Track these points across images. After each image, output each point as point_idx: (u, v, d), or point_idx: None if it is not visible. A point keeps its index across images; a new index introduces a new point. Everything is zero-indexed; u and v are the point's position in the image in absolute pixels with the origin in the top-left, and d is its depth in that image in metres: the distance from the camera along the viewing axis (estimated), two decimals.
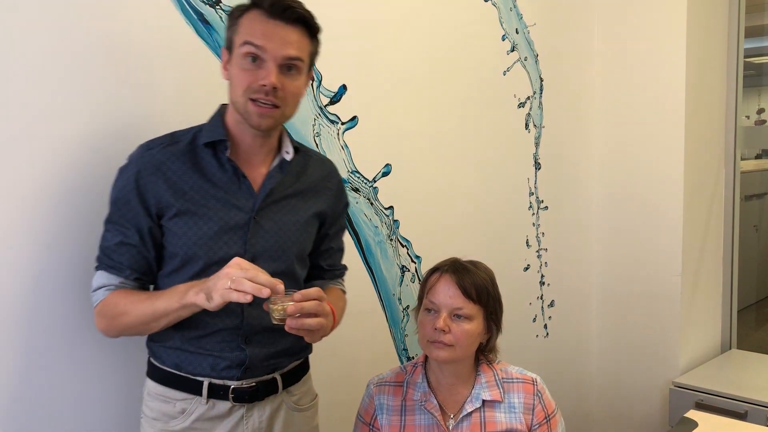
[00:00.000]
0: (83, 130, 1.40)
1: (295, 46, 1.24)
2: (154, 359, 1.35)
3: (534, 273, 2.67)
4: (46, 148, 1.35)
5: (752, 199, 3.58)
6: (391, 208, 2.08)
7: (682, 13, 2.65)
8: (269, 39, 1.22)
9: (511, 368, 1.59)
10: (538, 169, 2.65)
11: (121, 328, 1.28)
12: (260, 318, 1.29)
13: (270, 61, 1.22)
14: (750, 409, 2.43)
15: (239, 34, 1.24)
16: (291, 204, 1.36)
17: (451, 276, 1.50)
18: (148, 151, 1.29)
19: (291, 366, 1.40)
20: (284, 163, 1.35)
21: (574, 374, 2.91)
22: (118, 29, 1.44)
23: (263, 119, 1.25)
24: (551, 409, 1.56)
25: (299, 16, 1.25)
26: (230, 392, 1.30)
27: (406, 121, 2.11)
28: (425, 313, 1.52)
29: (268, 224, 1.32)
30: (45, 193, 1.35)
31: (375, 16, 2.00)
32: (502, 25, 2.43)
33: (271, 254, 1.31)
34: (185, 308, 1.21)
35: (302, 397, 1.44)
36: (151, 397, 1.34)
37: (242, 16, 1.25)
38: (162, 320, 1.24)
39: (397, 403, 1.55)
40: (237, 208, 1.29)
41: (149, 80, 1.50)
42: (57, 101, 1.36)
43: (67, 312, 1.40)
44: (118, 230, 1.28)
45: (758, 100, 3.73)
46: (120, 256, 1.27)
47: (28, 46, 1.32)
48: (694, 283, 2.81)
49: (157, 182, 1.26)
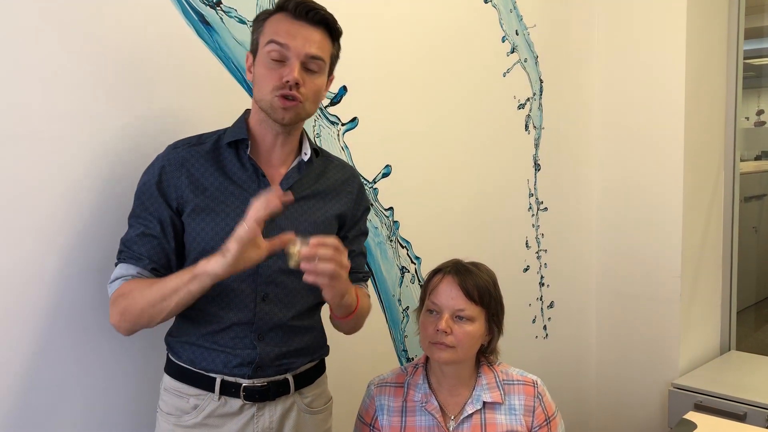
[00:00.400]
0: (83, 131, 1.40)
1: (317, 46, 1.30)
2: (171, 355, 1.38)
3: (533, 274, 2.68)
4: (47, 149, 1.35)
5: (751, 200, 3.58)
6: (391, 209, 2.09)
7: (681, 14, 2.65)
8: (293, 37, 1.27)
9: (512, 370, 1.59)
10: (537, 171, 2.65)
11: (132, 315, 1.26)
12: (272, 313, 1.33)
13: (293, 58, 1.27)
14: (749, 411, 2.44)
15: (264, 35, 1.30)
16: (309, 204, 1.38)
17: (454, 277, 1.50)
18: (175, 149, 1.34)
19: (304, 367, 1.41)
20: (302, 164, 1.38)
21: (573, 375, 2.91)
22: (118, 30, 1.44)
23: (287, 112, 1.29)
24: (551, 412, 1.56)
25: (322, 18, 1.31)
26: (241, 390, 1.32)
27: (406, 123, 2.12)
28: (427, 314, 1.52)
29: (285, 223, 1.33)
30: (49, 194, 1.35)
31: (375, 17, 2.00)
32: (502, 27, 2.43)
33: (286, 251, 1.32)
34: (196, 279, 1.20)
35: (315, 399, 1.44)
36: (167, 392, 1.37)
37: (267, 19, 1.31)
38: (172, 297, 1.22)
39: (398, 403, 1.55)
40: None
41: (149, 81, 1.50)
42: (57, 103, 1.36)
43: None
44: (140, 223, 1.30)
45: (758, 102, 3.72)
46: (140, 246, 1.29)
47: (28, 47, 1.32)
48: (693, 285, 2.81)
49: (180, 177, 1.31)
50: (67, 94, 1.37)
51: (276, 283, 1.33)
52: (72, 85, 1.38)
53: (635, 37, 2.78)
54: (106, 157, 1.42)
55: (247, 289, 1.32)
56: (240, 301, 1.32)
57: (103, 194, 1.42)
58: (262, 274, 1.32)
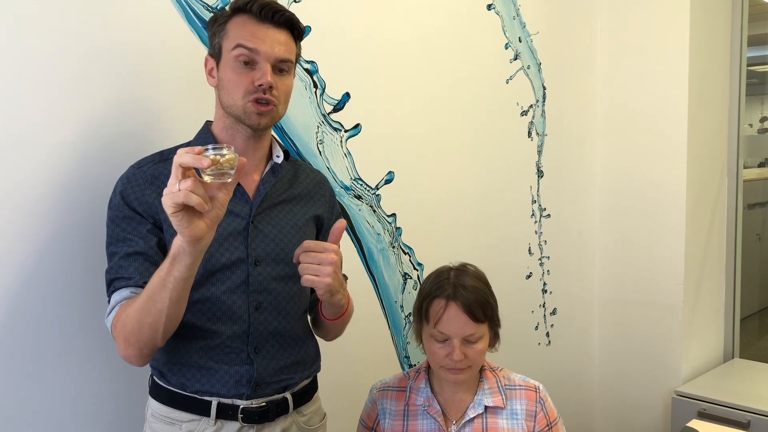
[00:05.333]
0: (86, 136, 1.40)
1: (285, 48, 1.29)
2: (158, 378, 1.31)
3: (536, 281, 2.67)
4: (48, 152, 1.35)
5: (755, 207, 3.58)
6: (394, 215, 2.09)
7: (684, 21, 2.65)
8: (261, 41, 1.25)
9: (514, 375, 1.59)
10: (540, 177, 2.65)
11: (132, 334, 1.16)
12: (266, 322, 1.30)
13: (263, 62, 1.26)
14: (753, 419, 2.42)
15: (229, 39, 1.27)
16: (287, 209, 1.37)
17: (457, 304, 1.47)
18: (140, 168, 1.29)
19: (302, 385, 1.38)
20: (276, 167, 1.37)
21: (576, 382, 2.91)
22: (122, 36, 1.45)
23: (262, 117, 1.27)
24: (553, 417, 1.56)
25: (288, 20, 1.29)
26: (239, 412, 1.27)
27: (409, 129, 2.12)
28: (433, 341, 1.49)
29: (268, 228, 1.32)
30: (46, 199, 1.35)
31: (378, 24, 2.00)
32: (505, 34, 2.44)
33: (274, 257, 1.31)
34: (175, 260, 1.08)
35: (312, 416, 1.41)
36: (155, 419, 1.31)
37: (229, 22, 1.28)
38: (162, 293, 1.11)
39: (400, 407, 1.56)
40: (234, 215, 1.29)
41: (153, 87, 1.51)
42: (60, 107, 1.36)
43: (65, 327, 1.38)
44: (120, 248, 1.23)
45: (761, 109, 3.73)
46: (127, 268, 1.21)
47: (32, 50, 1.33)
48: (696, 292, 2.80)
49: (150, 194, 1.24)
50: (68, 99, 1.38)
51: (268, 291, 1.30)
52: (74, 91, 1.38)
53: (638, 44, 2.78)
54: (109, 163, 1.42)
55: (239, 300, 1.28)
56: (233, 312, 1.27)
57: (104, 201, 1.41)
58: (253, 283, 1.29)
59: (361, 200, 1.98)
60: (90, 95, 1.40)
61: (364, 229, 2.00)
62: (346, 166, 1.94)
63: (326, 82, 1.86)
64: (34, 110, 1.33)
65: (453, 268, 1.55)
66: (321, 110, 1.86)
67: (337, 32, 1.89)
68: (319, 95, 1.85)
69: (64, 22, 1.36)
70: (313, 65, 1.83)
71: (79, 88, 1.39)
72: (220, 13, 1.31)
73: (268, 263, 1.30)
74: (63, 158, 1.37)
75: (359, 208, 1.98)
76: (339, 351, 1.54)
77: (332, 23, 1.88)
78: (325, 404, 1.52)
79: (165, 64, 1.52)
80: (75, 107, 1.38)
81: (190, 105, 1.55)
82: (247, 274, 1.28)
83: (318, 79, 1.84)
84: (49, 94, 1.35)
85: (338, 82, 1.89)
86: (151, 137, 1.50)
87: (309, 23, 1.79)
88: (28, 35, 1.32)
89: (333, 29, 1.88)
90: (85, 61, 1.39)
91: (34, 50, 1.33)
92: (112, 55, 1.44)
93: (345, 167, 1.93)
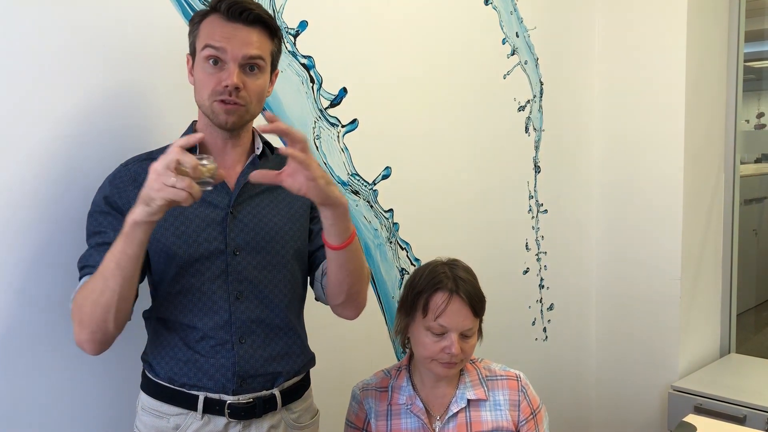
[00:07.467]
0: (81, 131, 1.40)
1: (255, 46, 1.26)
2: (148, 371, 1.33)
3: (533, 276, 2.67)
4: (43, 149, 1.35)
5: (752, 203, 3.58)
6: (391, 210, 2.08)
7: (682, 17, 2.65)
8: (229, 40, 1.24)
9: (494, 366, 1.59)
10: (537, 173, 2.65)
11: (86, 315, 1.16)
12: (248, 311, 1.30)
13: (230, 62, 1.24)
14: (749, 414, 2.43)
15: (200, 39, 1.27)
16: (271, 197, 1.36)
17: (461, 297, 1.46)
18: (125, 167, 1.31)
19: (291, 382, 1.37)
20: (256, 160, 1.36)
21: (573, 377, 2.91)
22: (119, 32, 1.45)
23: (229, 116, 1.26)
24: (536, 405, 1.56)
25: (257, 17, 1.27)
26: (226, 407, 1.28)
27: (406, 124, 2.12)
28: (428, 334, 1.47)
29: (247, 218, 1.32)
30: (34, 198, 1.35)
31: (375, 19, 2.00)
32: (502, 29, 2.43)
33: (254, 246, 1.31)
34: (128, 235, 1.10)
35: (302, 414, 1.41)
36: (145, 412, 1.32)
37: (202, 22, 1.28)
38: (116, 271, 1.11)
39: (383, 407, 1.55)
40: (213, 206, 1.30)
41: (149, 83, 1.51)
42: (54, 104, 1.36)
43: (55, 323, 1.38)
44: (95, 240, 1.25)
45: (758, 105, 3.73)
46: (96, 257, 1.21)
47: (28, 47, 1.32)
48: (693, 287, 2.81)
49: (132, 192, 1.23)
50: (63, 96, 1.37)
51: (249, 280, 1.30)
52: (69, 88, 1.38)
53: (636, 40, 2.78)
54: (102, 161, 1.41)
55: (219, 290, 1.28)
56: (213, 303, 1.28)
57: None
58: (233, 273, 1.29)
59: (358, 195, 1.98)
60: (84, 91, 1.40)
61: (361, 224, 2.00)
62: (343, 162, 1.93)
63: (323, 77, 1.85)
64: (31, 109, 1.33)
65: (445, 263, 1.54)
66: (318, 105, 1.86)
67: (334, 27, 1.89)
68: (316, 90, 1.85)
69: (58, 17, 1.36)
70: (310, 60, 1.82)
71: (74, 84, 1.38)
72: (196, 13, 1.31)
73: (248, 252, 1.30)
74: (60, 156, 1.37)
75: (356, 203, 1.98)
76: (334, 346, 1.54)
77: (329, 18, 1.87)
78: (319, 401, 1.52)
79: (161, 58, 1.52)
80: (67, 103, 1.38)
81: (185, 100, 1.54)
82: (226, 264, 1.28)
83: (315, 74, 1.84)
84: (42, 90, 1.34)
85: (335, 77, 1.89)
86: (144, 134, 1.50)
87: (306, 18, 1.79)
88: (28, 35, 1.31)
89: (330, 24, 1.88)
90: (80, 57, 1.39)
91: (31, 49, 1.32)
92: (107, 49, 1.43)
93: (342, 162, 1.93)
